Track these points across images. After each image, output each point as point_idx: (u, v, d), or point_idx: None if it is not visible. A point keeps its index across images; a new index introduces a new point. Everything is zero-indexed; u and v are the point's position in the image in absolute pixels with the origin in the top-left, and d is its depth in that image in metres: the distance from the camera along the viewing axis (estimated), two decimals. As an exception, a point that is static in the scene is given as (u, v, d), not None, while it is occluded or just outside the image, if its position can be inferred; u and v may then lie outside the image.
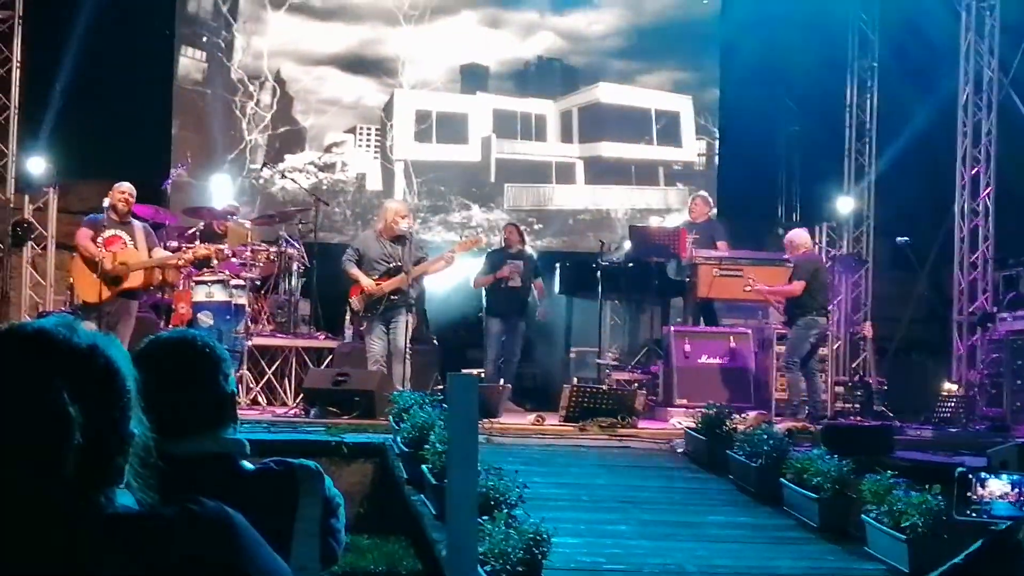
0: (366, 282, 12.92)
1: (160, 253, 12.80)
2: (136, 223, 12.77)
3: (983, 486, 2.89)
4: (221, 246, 13.72)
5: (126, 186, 12.71)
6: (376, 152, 18.63)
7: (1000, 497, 2.87)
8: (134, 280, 12.42)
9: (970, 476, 2.93)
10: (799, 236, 14.25)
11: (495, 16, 19.06)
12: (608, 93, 19.19)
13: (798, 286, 13.64)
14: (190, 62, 18.25)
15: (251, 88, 18.21)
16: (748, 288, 13.91)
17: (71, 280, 12.92)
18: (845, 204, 18.60)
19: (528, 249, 15.54)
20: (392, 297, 12.87)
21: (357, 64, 18.68)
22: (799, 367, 13.68)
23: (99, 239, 12.37)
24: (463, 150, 18.95)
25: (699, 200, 15.82)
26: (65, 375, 1.77)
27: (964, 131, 17.00)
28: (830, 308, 15.02)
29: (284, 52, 18.47)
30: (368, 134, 18.63)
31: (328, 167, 18.43)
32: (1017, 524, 2.54)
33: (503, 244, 15.69)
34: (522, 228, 16.24)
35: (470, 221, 18.46)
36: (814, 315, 13.73)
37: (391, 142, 18.62)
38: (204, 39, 18.28)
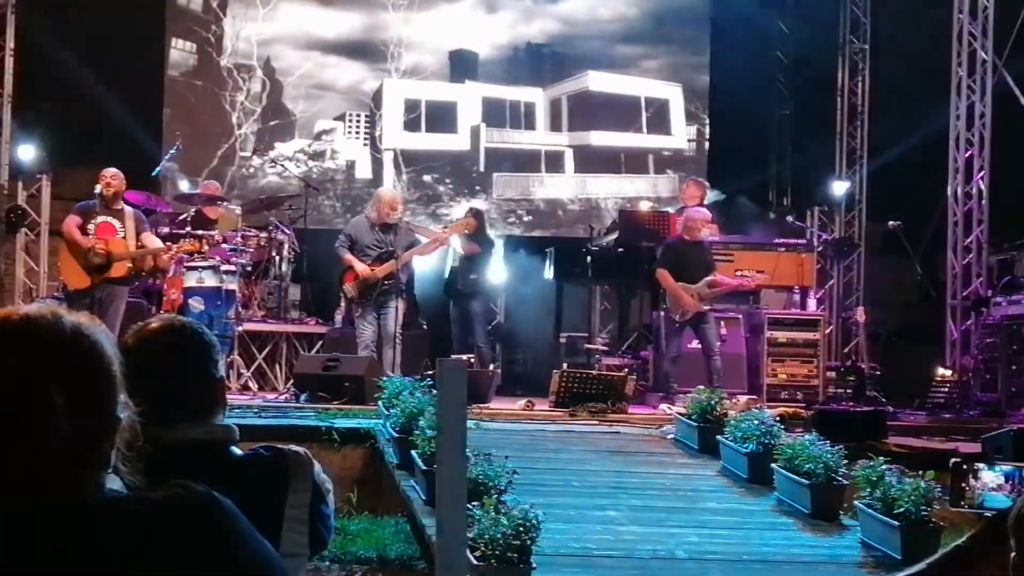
0: (360, 267, 12.97)
1: (150, 240, 12.74)
2: (128, 209, 12.74)
3: (976, 477, 2.88)
4: (212, 232, 13.71)
5: (112, 171, 12.63)
6: (365, 141, 18.59)
7: (994, 489, 2.85)
8: (119, 270, 12.36)
9: (964, 467, 2.91)
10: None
11: (489, 2, 18.99)
12: (597, 81, 19.10)
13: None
14: (179, 54, 18.24)
15: (240, 80, 18.16)
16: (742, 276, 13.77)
17: (59, 266, 12.90)
18: (837, 188, 18.55)
19: (490, 234, 15.29)
20: (385, 282, 12.95)
21: (349, 50, 18.63)
22: None
23: (90, 226, 12.34)
24: (452, 139, 18.89)
25: (691, 183, 15.69)
26: (49, 362, 1.76)
27: (957, 113, 16.91)
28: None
29: (275, 38, 18.43)
30: (357, 122, 18.58)
31: (318, 155, 18.39)
32: (1006, 511, 2.53)
33: None
34: (484, 215, 15.68)
35: (459, 210, 18.35)
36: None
37: (380, 131, 18.57)
38: (194, 32, 18.26)
